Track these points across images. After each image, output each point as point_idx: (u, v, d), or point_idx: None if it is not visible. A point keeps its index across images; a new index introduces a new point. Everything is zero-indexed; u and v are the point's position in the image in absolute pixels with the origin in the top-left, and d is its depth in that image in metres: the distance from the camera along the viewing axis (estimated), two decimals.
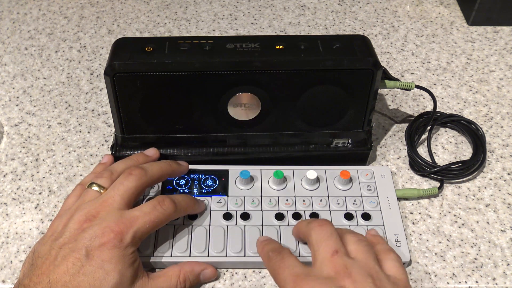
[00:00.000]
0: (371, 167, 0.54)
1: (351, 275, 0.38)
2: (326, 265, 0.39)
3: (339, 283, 0.38)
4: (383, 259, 0.42)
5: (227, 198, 0.50)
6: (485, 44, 0.73)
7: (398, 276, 0.40)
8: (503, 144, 0.60)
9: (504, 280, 0.47)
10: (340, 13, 0.79)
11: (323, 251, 0.40)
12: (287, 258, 0.42)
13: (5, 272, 0.47)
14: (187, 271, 0.44)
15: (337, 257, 0.40)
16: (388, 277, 0.39)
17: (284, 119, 0.52)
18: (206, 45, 0.49)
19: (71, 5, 0.80)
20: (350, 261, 0.39)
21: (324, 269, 0.39)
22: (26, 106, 0.63)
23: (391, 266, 0.41)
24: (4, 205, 0.53)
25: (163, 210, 0.43)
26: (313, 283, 0.38)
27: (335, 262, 0.39)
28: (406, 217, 0.52)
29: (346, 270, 0.38)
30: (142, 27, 0.76)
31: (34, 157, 0.57)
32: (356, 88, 0.50)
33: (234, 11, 0.79)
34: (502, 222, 0.52)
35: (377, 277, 0.39)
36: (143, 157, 0.51)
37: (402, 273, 0.41)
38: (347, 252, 0.41)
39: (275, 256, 0.42)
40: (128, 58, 0.47)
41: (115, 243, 0.40)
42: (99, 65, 0.69)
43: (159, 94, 0.49)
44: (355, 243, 0.42)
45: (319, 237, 0.41)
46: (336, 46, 0.49)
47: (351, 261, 0.39)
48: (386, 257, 0.42)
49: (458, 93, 0.66)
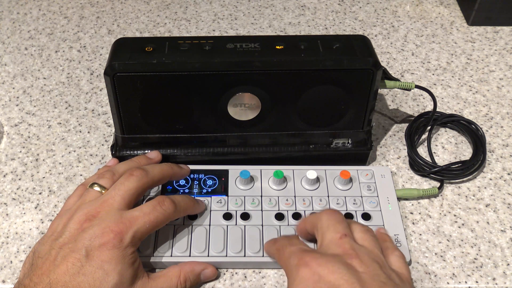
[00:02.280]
0: (371, 167, 0.54)
1: (358, 256, 0.38)
2: (334, 245, 0.40)
3: (346, 260, 0.38)
4: (388, 254, 0.42)
5: (227, 198, 0.50)
6: (485, 44, 0.73)
7: (403, 272, 0.41)
8: (503, 144, 0.60)
9: (504, 280, 0.47)
10: (340, 13, 0.79)
11: (332, 233, 0.41)
12: (294, 239, 0.43)
13: (5, 272, 0.47)
14: (188, 271, 0.44)
15: (345, 240, 0.40)
16: (393, 270, 0.40)
17: (284, 119, 0.52)
18: (206, 45, 0.49)
19: (71, 5, 0.80)
20: (358, 246, 0.40)
21: (331, 248, 0.39)
22: (26, 106, 0.63)
23: (395, 261, 0.42)
24: (4, 205, 0.53)
25: (163, 210, 0.43)
26: (321, 259, 0.38)
27: (343, 244, 0.39)
28: (406, 217, 0.52)
29: (353, 251, 0.39)
30: (142, 27, 0.76)
31: (34, 157, 0.57)
32: (356, 88, 0.50)
33: (234, 11, 0.79)
34: (502, 222, 0.52)
35: (383, 265, 0.39)
36: (145, 159, 0.51)
37: (406, 270, 0.41)
38: (354, 238, 0.41)
39: (282, 239, 0.43)
40: (128, 58, 0.47)
41: (114, 243, 0.40)
42: (99, 65, 0.69)
43: (159, 94, 0.49)
44: (362, 232, 0.42)
45: (328, 222, 0.42)
46: (336, 46, 0.49)
47: (359, 246, 0.40)
48: (391, 252, 0.42)
49: (458, 93, 0.66)
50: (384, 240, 0.44)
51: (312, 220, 0.44)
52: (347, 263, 0.37)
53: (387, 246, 0.43)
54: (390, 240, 0.45)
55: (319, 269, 0.37)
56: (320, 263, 0.37)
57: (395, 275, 0.39)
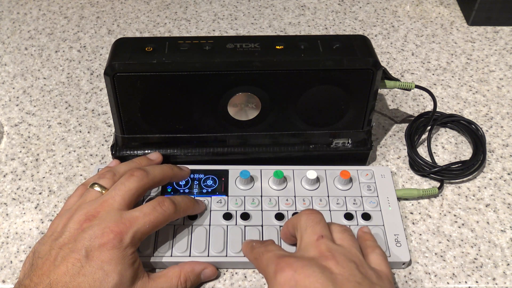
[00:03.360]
0: (371, 167, 0.54)
1: (334, 257, 0.38)
2: (311, 247, 0.40)
3: (322, 262, 0.38)
4: (368, 253, 0.43)
5: (227, 198, 0.50)
6: (485, 44, 0.73)
7: (382, 269, 0.41)
8: (503, 144, 0.60)
9: (504, 280, 0.47)
10: (340, 13, 0.79)
11: (309, 235, 0.41)
12: (270, 245, 0.43)
13: (5, 272, 0.47)
14: (188, 271, 0.44)
15: (322, 241, 0.40)
16: (371, 269, 0.40)
17: (284, 119, 0.52)
18: (206, 45, 0.49)
19: (71, 5, 0.80)
20: (335, 246, 0.40)
21: (308, 250, 0.40)
22: (26, 106, 0.63)
23: (375, 259, 0.42)
24: (4, 205, 0.53)
25: (163, 211, 0.43)
26: (297, 263, 0.38)
27: (320, 246, 0.40)
28: (406, 217, 0.52)
29: (330, 252, 0.39)
30: (142, 27, 0.76)
31: (34, 157, 0.57)
32: (356, 88, 0.50)
33: (234, 11, 0.79)
34: (502, 222, 0.52)
35: (361, 264, 0.39)
36: (146, 160, 0.51)
37: (386, 267, 0.42)
38: (332, 239, 0.41)
39: (259, 245, 0.43)
40: (128, 58, 0.47)
41: (114, 243, 0.40)
42: (99, 65, 0.69)
43: (159, 94, 0.49)
44: (340, 232, 0.42)
45: (306, 223, 0.42)
46: (336, 46, 0.49)
47: (336, 246, 0.40)
48: (371, 251, 0.43)
49: (458, 93, 0.66)
50: (365, 239, 0.45)
51: (292, 221, 0.44)
52: (322, 265, 0.38)
53: (367, 245, 0.43)
54: (372, 238, 0.45)
55: (295, 275, 0.37)
56: (296, 268, 0.38)
57: (372, 273, 0.39)
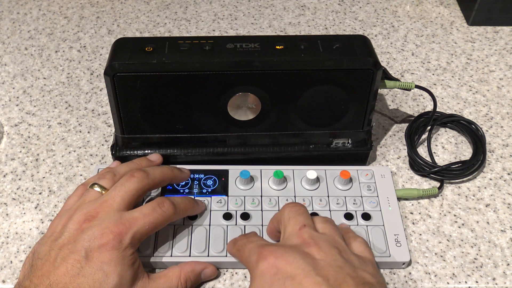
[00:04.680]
0: (371, 167, 0.54)
1: (317, 244, 0.39)
2: (294, 236, 0.40)
3: (304, 249, 0.38)
4: (351, 242, 0.43)
5: (227, 198, 0.50)
6: (485, 44, 0.73)
7: (365, 256, 0.41)
8: (503, 144, 0.60)
9: (504, 280, 0.47)
10: (340, 13, 0.79)
11: (292, 226, 0.41)
12: (252, 236, 0.43)
13: (5, 272, 0.47)
14: (188, 271, 0.44)
15: (304, 230, 0.40)
16: (354, 254, 0.40)
17: (284, 119, 0.52)
18: (206, 45, 0.49)
19: (71, 5, 0.80)
20: (317, 234, 0.40)
21: (291, 239, 0.40)
22: (26, 106, 0.63)
23: (357, 246, 0.42)
24: (4, 205, 0.53)
25: (163, 212, 0.43)
26: (278, 251, 0.38)
27: (302, 234, 0.40)
28: (406, 217, 0.52)
29: (312, 240, 0.39)
30: (142, 27, 0.76)
31: (34, 157, 0.57)
32: (356, 88, 0.50)
33: (234, 11, 0.79)
34: (502, 222, 0.52)
35: (343, 250, 0.40)
36: (146, 161, 0.51)
37: (369, 253, 0.42)
38: (315, 228, 0.42)
39: (241, 238, 0.44)
40: (128, 58, 0.47)
41: (114, 244, 0.40)
42: (99, 65, 0.69)
43: (159, 94, 0.49)
44: (323, 222, 0.43)
45: (289, 215, 0.42)
46: (336, 46, 0.49)
47: (318, 234, 0.41)
48: (354, 240, 0.43)
49: (458, 93, 0.66)
50: (347, 232, 0.45)
51: (276, 216, 0.45)
52: (304, 252, 0.38)
53: (349, 236, 0.44)
54: (352, 231, 0.46)
55: (277, 262, 0.38)
56: (278, 255, 0.38)
57: (355, 258, 0.40)
